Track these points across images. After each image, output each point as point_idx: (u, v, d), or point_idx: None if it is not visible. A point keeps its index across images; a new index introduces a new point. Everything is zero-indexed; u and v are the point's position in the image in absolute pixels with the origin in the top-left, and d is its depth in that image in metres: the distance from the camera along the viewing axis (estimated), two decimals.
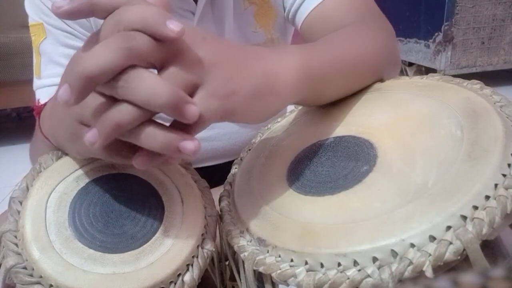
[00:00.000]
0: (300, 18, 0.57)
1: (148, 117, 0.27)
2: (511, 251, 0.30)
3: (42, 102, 0.53)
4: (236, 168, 0.42)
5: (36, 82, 0.56)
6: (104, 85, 0.26)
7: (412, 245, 0.26)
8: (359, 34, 0.45)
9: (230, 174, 0.42)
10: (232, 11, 0.60)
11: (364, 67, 0.42)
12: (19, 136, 1.96)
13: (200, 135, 0.28)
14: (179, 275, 0.33)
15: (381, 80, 0.44)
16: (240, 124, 0.60)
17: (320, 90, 0.38)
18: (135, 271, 0.32)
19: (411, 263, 0.25)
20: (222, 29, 0.60)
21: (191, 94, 0.28)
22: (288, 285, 0.29)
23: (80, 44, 0.54)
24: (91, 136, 0.27)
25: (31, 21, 0.55)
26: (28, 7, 0.56)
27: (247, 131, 0.66)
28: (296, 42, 0.56)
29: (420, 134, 0.33)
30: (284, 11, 0.61)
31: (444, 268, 0.25)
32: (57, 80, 0.48)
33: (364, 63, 0.42)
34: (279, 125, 0.45)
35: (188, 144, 0.27)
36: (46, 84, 0.55)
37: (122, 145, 0.29)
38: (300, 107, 0.46)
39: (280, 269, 0.29)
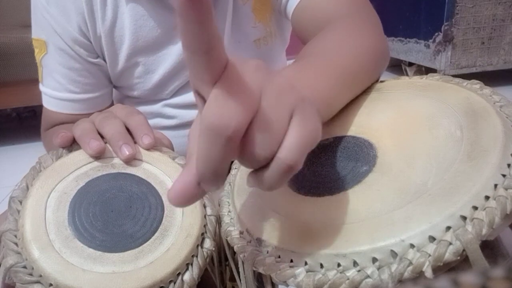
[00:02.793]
0: (291, 7, 0.57)
1: None
2: (511, 251, 0.30)
3: (44, 105, 0.63)
4: (236, 168, 0.42)
5: (40, 87, 0.63)
6: None
7: (412, 246, 0.25)
8: (353, 36, 0.45)
9: (230, 174, 0.42)
10: (231, 8, 0.59)
11: (363, 72, 0.41)
12: (19, 136, 1.96)
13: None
14: (178, 274, 0.34)
15: (381, 80, 0.44)
16: None
17: (330, 106, 0.37)
18: (135, 271, 0.32)
19: (410, 263, 0.25)
20: (223, 27, 0.60)
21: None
22: (287, 285, 0.29)
23: (78, 65, 0.59)
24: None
25: (34, 35, 0.60)
26: (33, 19, 0.59)
27: None
28: (294, 41, 0.56)
29: (420, 134, 0.33)
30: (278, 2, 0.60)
31: (444, 268, 0.25)
32: (53, 92, 0.61)
33: (363, 69, 0.41)
34: None
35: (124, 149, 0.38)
36: (46, 92, 0.62)
37: None
38: None
39: (279, 270, 0.29)
